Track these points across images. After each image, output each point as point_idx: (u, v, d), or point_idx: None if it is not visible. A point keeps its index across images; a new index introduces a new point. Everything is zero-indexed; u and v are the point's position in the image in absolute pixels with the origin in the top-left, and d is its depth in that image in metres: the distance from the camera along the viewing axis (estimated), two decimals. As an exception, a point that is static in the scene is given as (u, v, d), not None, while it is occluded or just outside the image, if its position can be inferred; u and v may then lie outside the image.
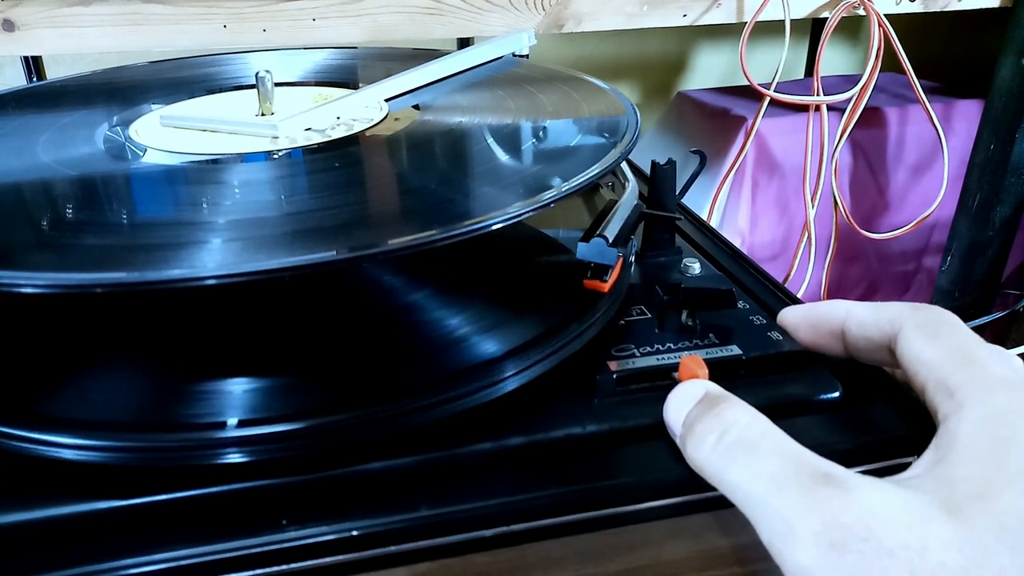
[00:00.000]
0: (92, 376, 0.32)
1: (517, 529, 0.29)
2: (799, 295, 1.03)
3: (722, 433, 0.27)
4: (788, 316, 0.36)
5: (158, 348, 0.34)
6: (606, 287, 0.35)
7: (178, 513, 0.28)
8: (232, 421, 0.28)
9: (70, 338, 0.35)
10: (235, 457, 0.28)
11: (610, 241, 0.34)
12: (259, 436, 0.28)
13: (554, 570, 0.30)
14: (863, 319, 0.32)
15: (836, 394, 0.34)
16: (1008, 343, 0.95)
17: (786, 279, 1.02)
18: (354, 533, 0.27)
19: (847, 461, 0.31)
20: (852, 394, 0.34)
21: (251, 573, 0.27)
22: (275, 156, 0.37)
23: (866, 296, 1.15)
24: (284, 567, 0.27)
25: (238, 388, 0.30)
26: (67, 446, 0.29)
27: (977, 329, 1.02)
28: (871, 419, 0.33)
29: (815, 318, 0.34)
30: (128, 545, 0.26)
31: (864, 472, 0.32)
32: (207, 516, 0.28)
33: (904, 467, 0.32)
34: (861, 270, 1.15)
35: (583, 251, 0.34)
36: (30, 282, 0.27)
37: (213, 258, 0.28)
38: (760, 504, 0.25)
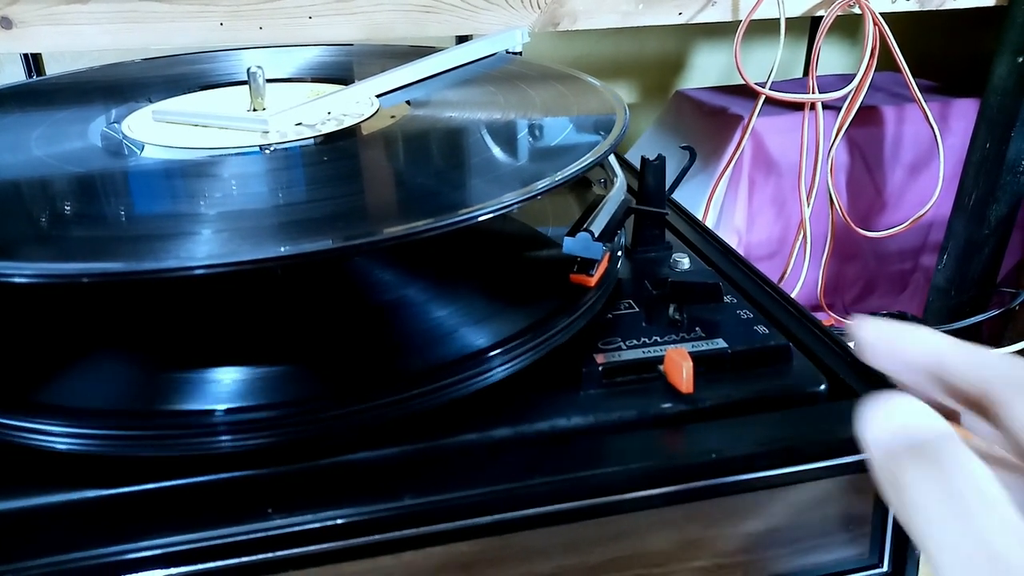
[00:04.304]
0: (82, 366, 0.32)
1: (501, 519, 0.29)
2: (794, 293, 1.03)
3: (947, 493, 0.21)
4: (866, 331, 0.30)
5: (147, 338, 0.34)
6: (592, 281, 0.35)
7: (166, 501, 0.28)
8: (220, 408, 0.29)
9: (60, 329, 0.35)
10: (222, 445, 0.29)
11: (596, 236, 0.35)
12: (245, 423, 0.29)
13: (537, 560, 0.30)
14: (955, 367, 0.27)
15: (822, 387, 0.34)
16: (1004, 341, 0.95)
17: (782, 277, 1.02)
18: (339, 521, 0.27)
19: (833, 453, 0.32)
20: (837, 387, 0.35)
21: (237, 560, 0.27)
22: (265, 150, 0.38)
23: (863, 294, 1.15)
24: (270, 555, 0.27)
25: (226, 377, 0.31)
26: (57, 435, 0.29)
27: (973, 327, 1.02)
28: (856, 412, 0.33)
29: (896, 344, 0.29)
30: (117, 533, 0.27)
31: (849, 464, 0.32)
32: (195, 504, 0.28)
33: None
34: (858, 268, 1.15)
35: (569, 245, 0.35)
36: (20, 272, 0.28)
37: (202, 249, 0.29)
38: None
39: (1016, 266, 1.04)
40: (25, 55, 0.83)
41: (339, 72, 0.53)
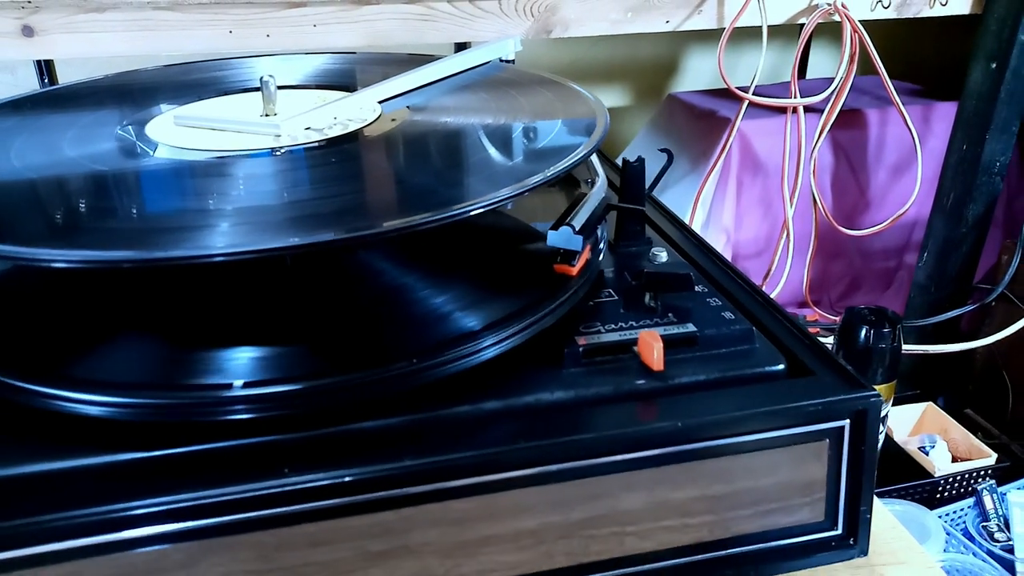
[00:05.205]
0: (117, 343, 0.36)
1: (491, 479, 0.33)
2: (778, 289, 1.07)
3: None
4: None
5: (176, 318, 0.38)
6: (574, 271, 0.39)
7: (194, 463, 0.32)
8: (238, 383, 0.32)
9: (98, 309, 0.39)
10: (242, 414, 0.32)
11: (576, 229, 0.38)
12: (264, 395, 0.32)
13: (524, 517, 0.34)
14: None
15: (781, 366, 0.38)
16: (981, 334, 0.99)
17: (767, 275, 1.05)
18: (347, 479, 0.31)
19: (790, 424, 0.35)
20: (795, 366, 0.38)
21: (257, 513, 0.31)
22: (278, 152, 0.41)
23: (848, 291, 1.19)
24: (286, 509, 0.31)
25: (247, 354, 0.34)
26: (92, 403, 0.33)
27: (951, 321, 1.06)
28: (812, 388, 0.37)
29: None
30: (149, 488, 0.30)
31: (804, 434, 0.36)
32: (220, 465, 0.31)
33: (840, 431, 0.36)
34: (843, 267, 1.19)
35: (552, 238, 0.38)
36: (63, 258, 0.31)
37: (226, 239, 0.33)
38: None
39: (994, 265, 1.08)
40: (38, 61, 0.87)
41: (342, 79, 0.57)
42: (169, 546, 0.30)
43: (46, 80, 0.94)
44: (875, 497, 0.38)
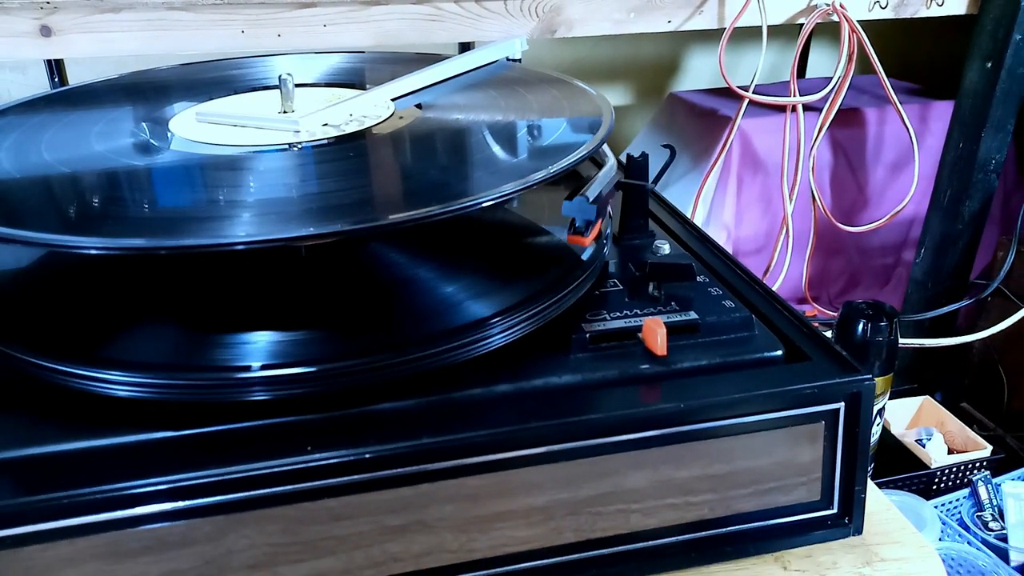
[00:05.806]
0: (142, 325, 0.38)
1: (503, 457, 0.34)
2: (778, 285, 1.08)
3: None
4: None
5: (198, 303, 0.40)
6: (587, 241, 0.40)
7: (220, 441, 0.33)
8: (256, 365, 0.34)
9: (122, 293, 0.40)
10: (260, 395, 0.34)
11: (590, 200, 0.39)
12: (280, 377, 0.34)
13: (534, 493, 0.35)
14: None
15: (779, 352, 0.40)
16: (977, 329, 1.00)
17: (766, 271, 1.07)
18: (367, 456, 0.33)
19: (787, 407, 0.37)
20: (792, 352, 0.40)
21: (280, 489, 0.32)
22: (298, 147, 0.43)
23: (846, 288, 1.21)
24: (310, 484, 0.33)
25: (266, 338, 0.36)
26: (120, 383, 0.34)
27: (948, 316, 1.08)
28: (808, 372, 0.38)
29: None
30: (177, 465, 0.32)
31: (801, 415, 0.37)
32: (244, 443, 0.33)
33: (834, 413, 0.38)
34: (843, 263, 1.21)
35: (567, 208, 0.40)
36: (96, 245, 0.33)
37: (248, 228, 0.34)
38: None
39: (990, 261, 1.10)
40: (49, 60, 0.89)
41: (354, 78, 0.59)
42: (198, 520, 0.32)
43: (56, 79, 0.96)
44: (871, 482, 0.40)
